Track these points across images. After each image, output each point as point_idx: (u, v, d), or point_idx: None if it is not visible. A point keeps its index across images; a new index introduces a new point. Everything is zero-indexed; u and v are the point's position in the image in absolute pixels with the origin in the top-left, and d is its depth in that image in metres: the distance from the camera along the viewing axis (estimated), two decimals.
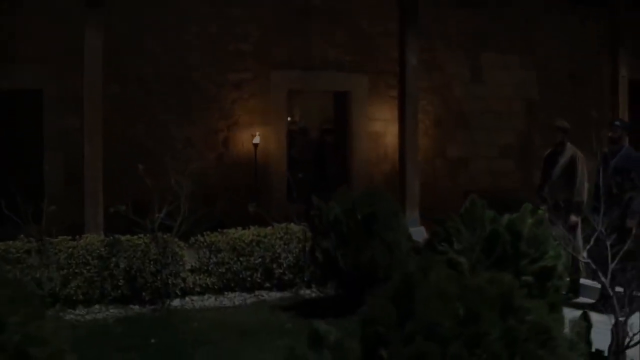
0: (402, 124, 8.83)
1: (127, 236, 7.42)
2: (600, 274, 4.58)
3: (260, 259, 7.69)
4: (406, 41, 8.65)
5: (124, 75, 10.15)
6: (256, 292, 7.69)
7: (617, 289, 7.46)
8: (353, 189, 9.12)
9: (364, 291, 5.15)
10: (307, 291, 7.75)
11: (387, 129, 11.38)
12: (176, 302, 7.38)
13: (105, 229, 7.81)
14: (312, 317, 5.65)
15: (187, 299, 7.48)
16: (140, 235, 7.38)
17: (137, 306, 7.24)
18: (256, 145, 10.60)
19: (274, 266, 7.73)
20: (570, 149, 7.97)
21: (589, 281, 7.73)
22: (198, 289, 7.55)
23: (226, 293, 7.61)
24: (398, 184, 9.01)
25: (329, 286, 7.35)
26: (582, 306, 6.43)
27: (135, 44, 10.23)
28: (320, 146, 12.65)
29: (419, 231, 8.41)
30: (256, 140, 10.58)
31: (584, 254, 7.95)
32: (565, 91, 12.73)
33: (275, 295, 7.67)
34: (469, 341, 2.43)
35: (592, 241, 8.02)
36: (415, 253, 6.13)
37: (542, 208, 8.46)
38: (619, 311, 4.53)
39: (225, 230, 7.79)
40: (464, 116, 12.30)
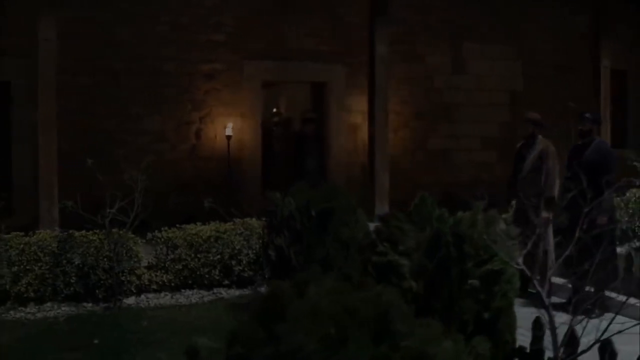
0: (371, 116, 8.59)
1: (83, 232, 7.24)
2: (537, 280, 4.33)
3: (219, 256, 7.49)
4: (375, 31, 8.38)
5: (95, 67, 9.95)
6: (215, 290, 7.51)
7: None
8: (330, 182, 8.91)
9: None
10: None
11: (365, 121, 11.11)
12: (131, 300, 7.21)
13: (69, 225, 7.61)
14: None
15: (143, 296, 7.31)
16: (96, 231, 7.21)
17: (90, 304, 7.09)
18: (229, 137, 10.37)
19: (233, 263, 7.55)
20: (541, 142, 7.73)
21: (560, 280, 7.51)
22: (154, 287, 7.39)
23: (183, 290, 7.44)
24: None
25: None
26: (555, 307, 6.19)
27: (107, 35, 10.00)
28: (301, 138, 12.40)
29: None
30: (229, 131, 10.35)
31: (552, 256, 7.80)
32: (551, 82, 12.45)
33: (234, 292, 7.49)
34: None
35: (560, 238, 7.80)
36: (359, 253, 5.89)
37: (513, 204, 8.28)
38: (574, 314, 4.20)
39: (184, 226, 7.60)
40: (445, 107, 12.05)
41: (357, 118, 11.20)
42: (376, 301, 2.34)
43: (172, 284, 7.41)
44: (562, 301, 6.97)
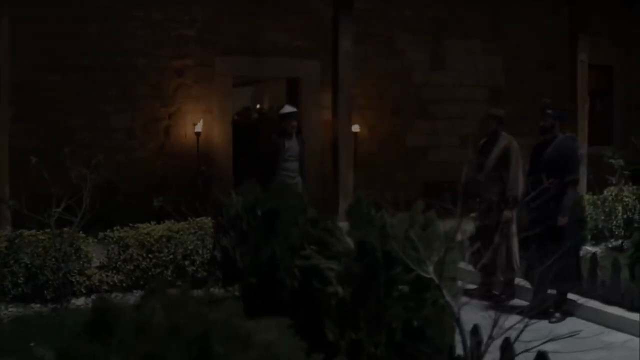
0: (334, 112, 8.41)
1: (32, 231, 7.12)
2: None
3: (171, 256, 7.35)
4: (339, 25, 8.19)
5: (64, 63, 9.83)
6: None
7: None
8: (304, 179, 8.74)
9: (265, 293, 4.73)
10: (221, 290, 7.39)
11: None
12: (80, 301, 7.08)
13: (23, 225, 7.48)
14: None
15: (93, 297, 7.16)
16: (46, 231, 7.08)
17: (38, 305, 6.96)
18: (198, 135, 10.23)
19: (187, 263, 7.40)
20: (504, 138, 7.54)
21: (524, 281, 7.30)
22: (105, 287, 7.24)
23: (135, 291, 7.28)
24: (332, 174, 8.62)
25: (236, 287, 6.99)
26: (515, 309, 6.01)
27: (77, 30, 9.87)
28: (280, 135, 12.20)
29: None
30: (198, 128, 10.20)
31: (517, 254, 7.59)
32: (532, 78, 12.24)
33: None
34: None
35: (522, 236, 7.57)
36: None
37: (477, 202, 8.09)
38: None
39: (137, 225, 7.47)
40: (423, 104, 11.85)
41: (330, 114, 11.02)
42: (203, 319, 2.18)
43: (124, 285, 7.26)
44: (527, 303, 6.76)
